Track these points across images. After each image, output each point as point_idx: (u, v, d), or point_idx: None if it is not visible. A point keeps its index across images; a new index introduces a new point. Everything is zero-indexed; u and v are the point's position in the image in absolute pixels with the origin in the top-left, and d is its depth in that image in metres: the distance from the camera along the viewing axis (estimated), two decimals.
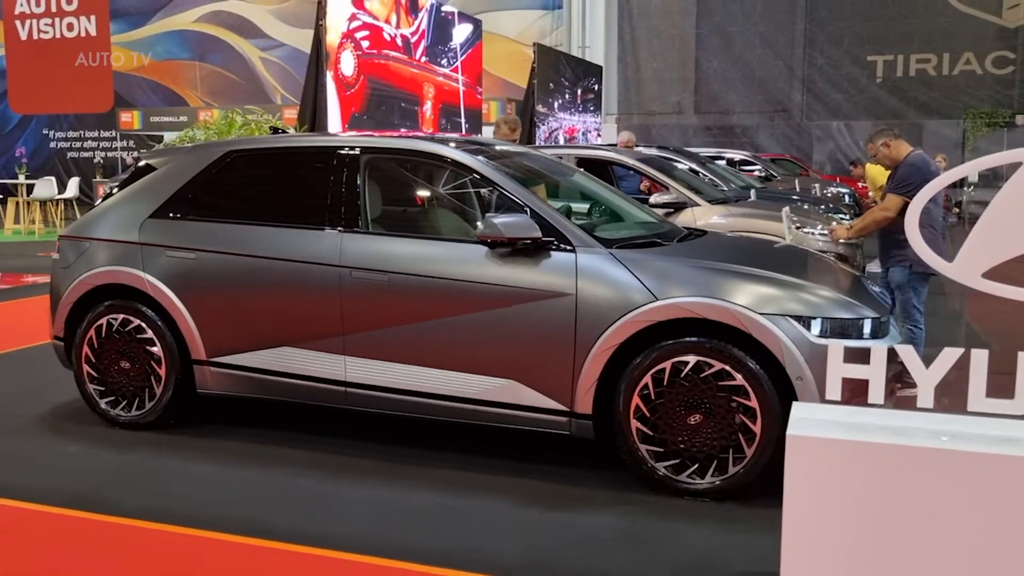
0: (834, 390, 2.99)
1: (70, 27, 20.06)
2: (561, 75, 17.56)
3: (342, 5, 10.47)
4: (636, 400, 4.09)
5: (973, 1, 21.58)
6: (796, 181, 16.77)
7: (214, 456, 4.64)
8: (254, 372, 4.80)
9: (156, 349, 4.94)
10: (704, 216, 7.67)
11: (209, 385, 4.92)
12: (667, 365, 4.03)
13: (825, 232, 7.79)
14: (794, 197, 13.25)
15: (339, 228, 4.62)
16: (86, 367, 5.11)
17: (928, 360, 2.92)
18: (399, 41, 12.59)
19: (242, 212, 4.90)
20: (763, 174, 17.37)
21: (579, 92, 18.53)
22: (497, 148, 5.12)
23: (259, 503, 4.06)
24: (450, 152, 4.66)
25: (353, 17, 10.94)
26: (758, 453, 3.94)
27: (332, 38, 10.03)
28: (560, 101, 17.34)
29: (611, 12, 24.56)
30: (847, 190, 16.69)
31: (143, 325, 4.96)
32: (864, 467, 2.76)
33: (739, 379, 3.94)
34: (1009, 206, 2.83)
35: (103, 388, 5.10)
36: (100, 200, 5.42)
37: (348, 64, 10.55)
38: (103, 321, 5.05)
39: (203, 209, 4.98)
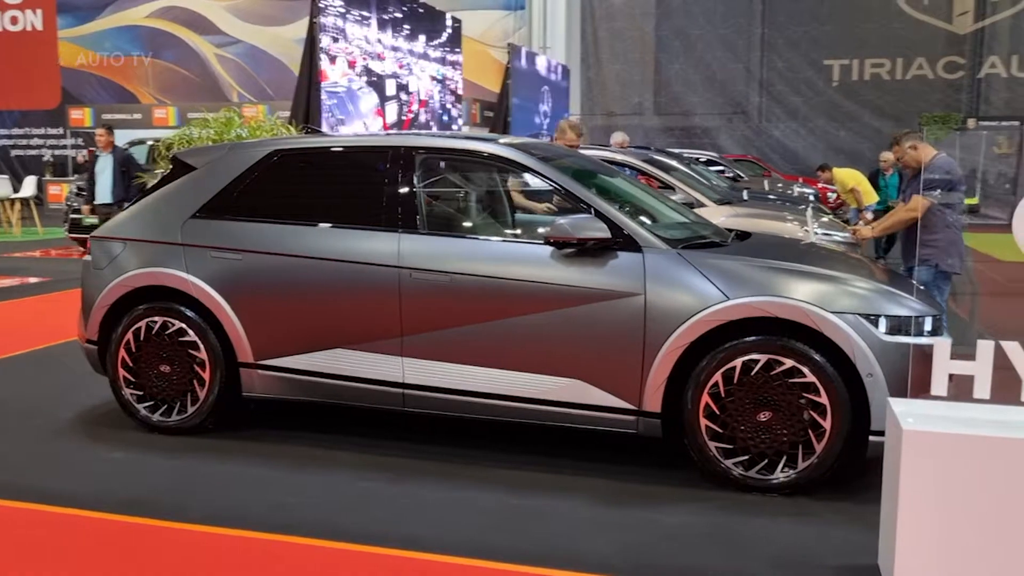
0: (939, 386, 3.07)
1: (14, 20, 19.46)
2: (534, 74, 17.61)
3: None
4: (706, 398, 4.14)
5: (925, 8, 22.27)
6: (765, 182, 17.10)
7: (269, 460, 4.57)
8: (305, 375, 4.73)
9: (200, 352, 4.84)
10: (712, 217, 7.74)
11: (256, 388, 4.83)
12: (737, 363, 4.09)
13: (827, 231, 7.97)
14: (771, 197, 13.53)
15: (397, 228, 4.58)
16: (122, 371, 4.98)
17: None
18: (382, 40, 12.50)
19: (291, 212, 4.82)
20: (731, 175, 17.66)
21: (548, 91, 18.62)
22: (547, 149, 5.12)
23: (327, 506, 4.01)
24: (507, 152, 4.66)
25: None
26: (828, 448, 4.02)
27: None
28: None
29: (573, 13, 24.72)
30: (811, 191, 17.07)
31: (185, 328, 4.85)
32: (984, 461, 2.84)
33: (810, 376, 4.02)
34: None
35: (141, 393, 4.97)
36: (131, 201, 5.29)
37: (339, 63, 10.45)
38: (142, 324, 4.93)
39: (249, 209, 4.89)
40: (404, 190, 4.64)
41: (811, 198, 15.81)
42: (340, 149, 4.99)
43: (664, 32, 24.03)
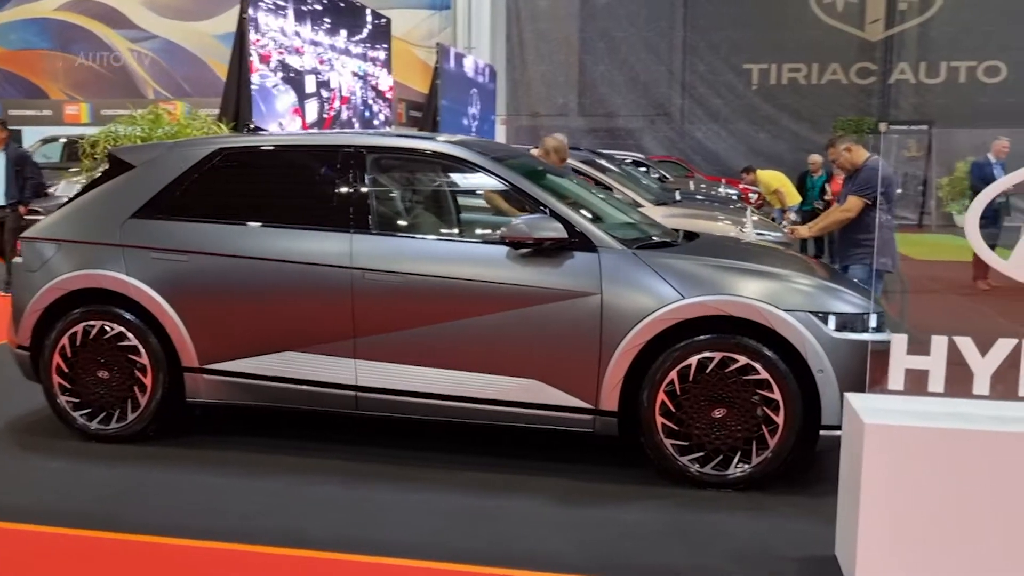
0: (896, 380, 3.17)
1: None
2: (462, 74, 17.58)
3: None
4: (662, 396, 4.19)
5: (839, 15, 23.01)
6: (690, 183, 17.45)
7: (218, 467, 4.44)
8: (253, 378, 4.61)
9: (140, 357, 4.67)
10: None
11: (201, 393, 4.69)
12: (692, 361, 4.15)
13: (759, 230, 8.16)
14: (698, 197, 13.81)
15: (349, 229, 4.50)
16: (58, 378, 4.78)
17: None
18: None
19: (238, 212, 4.70)
20: (656, 176, 17.95)
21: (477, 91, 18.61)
22: (501, 149, 5.11)
23: (285, 512, 3.92)
24: (461, 152, 4.63)
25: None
26: (781, 443, 4.11)
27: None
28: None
29: (498, 14, 24.77)
30: (734, 191, 17.49)
31: (125, 332, 4.68)
32: (945, 453, 2.95)
33: (763, 373, 4.10)
34: None
35: (78, 400, 4.78)
36: (67, 199, 5.08)
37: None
38: (78, 328, 4.73)
39: (194, 209, 4.74)
40: (356, 190, 4.57)
41: (733, 198, 16.24)
42: (288, 148, 4.89)
43: (589, 34, 24.26)
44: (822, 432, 4.11)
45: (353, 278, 4.43)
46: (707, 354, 4.14)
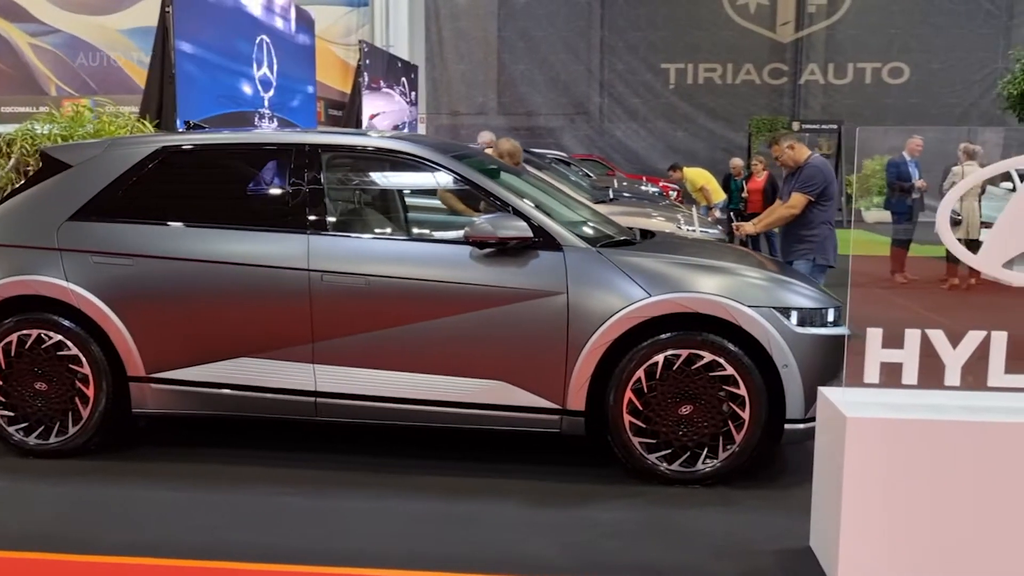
0: (872, 374, 3.22)
1: None
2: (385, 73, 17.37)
3: None
4: (629, 394, 4.18)
5: (751, 17, 23.58)
6: (614, 181, 17.62)
7: (170, 480, 4.25)
8: (205, 387, 4.43)
9: (82, 367, 4.43)
10: None
11: (148, 404, 4.48)
12: (659, 359, 4.16)
13: (691, 227, 8.28)
14: (626, 195, 13.96)
15: (305, 230, 4.36)
16: None
17: None
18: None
19: (187, 214, 4.50)
20: (581, 174, 18.07)
21: (399, 91, 18.42)
22: (459, 147, 5.03)
23: (248, 526, 3.77)
24: (421, 150, 4.53)
25: None
26: (747, 438, 4.16)
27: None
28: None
29: (417, 12, 24.56)
30: (656, 189, 17.76)
31: (64, 340, 4.43)
32: (927, 443, 3.01)
33: (729, 369, 4.13)
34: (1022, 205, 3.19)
35: (13, 414, 4.51)
36: None
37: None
38: (12, 338, 4.46)
39: (137, 210, 4.52)
40: (311, 189, 4.43)
41: (657, 195, 16.48)
42: (238, 147, 4.70)
43: (508, 33, 24.26)
44: (787, 426, 4.17)
45: (311, 280, 4.29)
46: (673, 351, 4.15)
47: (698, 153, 23.02)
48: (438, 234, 4.76)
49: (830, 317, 4.33)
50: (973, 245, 10.54)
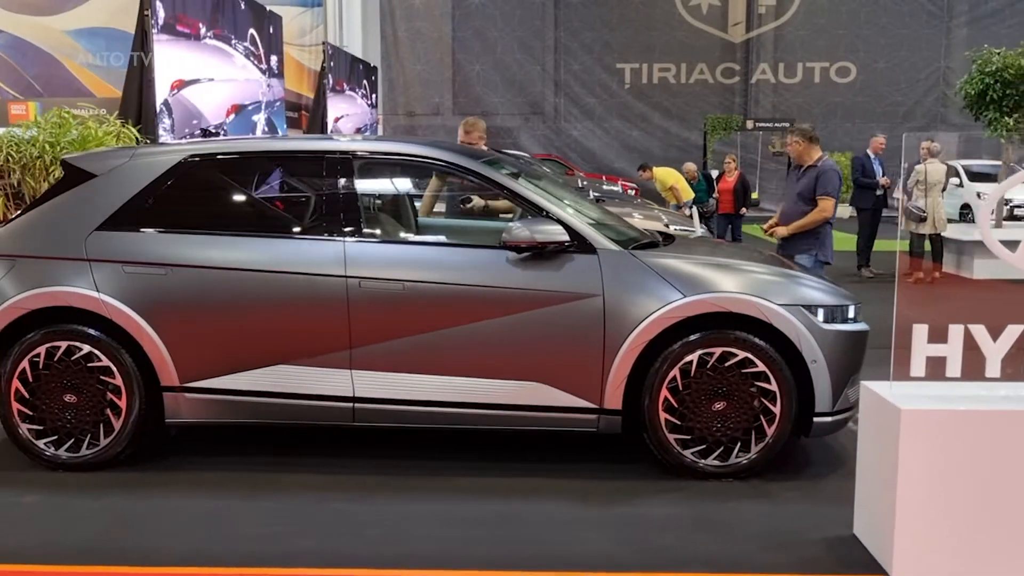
0: (919, 367, 3.39)
1: None
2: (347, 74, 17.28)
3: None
4: (664, 392, 4.30)
5: (703, 18, 24.02)
6: (577, 180, 17.80)
7: (213, 490, 4.24)
8: (240, 395, 4.42)
9: (114, 378, 4.39)
10: None
11: (183, 414, 4.46)
12: (694, 357, 4.29)
13: (682, 226, 8.45)
14: (595, 194, 14.13)
15: (341, 236, 4.39)
16: (17, 405, 4.43)
17: None
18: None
19: (218, 222, 4.49)
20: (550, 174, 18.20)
21: (361, 93, 18.35)
22: (486, 153, 5.09)
23: (305, 533, 3.78)
24: (452, 157, 4.59)
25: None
26: (779, 432, 4.31)
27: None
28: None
29: (371, 12, 24.45)
30: (617, 187, 18.01)
31: (96, 352, 4.39)
32: (982, 433, 3.19)
33: (760, 366, 4.28)
34: None
35: (42, 427, 4.45)
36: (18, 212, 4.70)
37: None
38: (40, 350, 4.40)
39: (168, 219, 4.50)
40: (345, 196, 4.46)
41: (622, 194, 16.70)
42: (269, 154, 4.71)
43: (464, 33, 24.34)
44: (816, 419, 4.33)
45: (348, 286, 4.32)
46: (708, 349, 4.28)
47: (653, 152, 23.38)
48: (474, 239, 4.82)
49: (851, 313, 4.50)
50: (937, 239, 10.86)
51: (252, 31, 12.34)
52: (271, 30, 13.35)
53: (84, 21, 23.99)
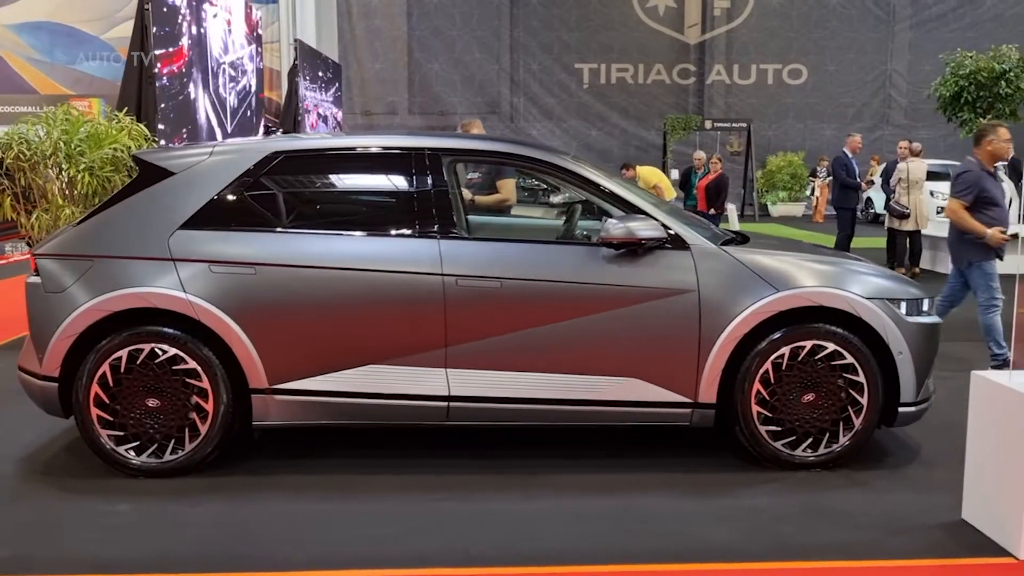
0: None
1: None
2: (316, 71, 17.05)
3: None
4: (757, 386, 4.38)
5: (660, 19, 24.34)
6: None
7: (308, 493, 4.15)
8: (331, 396, 4.34)
9: (201, 380, 4.27)
10: None
11: (271, 416, 4.36)
12: (786, 350, 4.37)
13: None
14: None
15: (435, 234, 4.35)
16: (97, 410, 4.28)
17: None
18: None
19: (307, 219, 4.42)
20: None
21: (331, 89, 18.11)
22: (564, 152, 5.09)
23: (426, 533, 3.72)
24: (541, 154, 4.59)
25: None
26: (866, 422, 4.42)
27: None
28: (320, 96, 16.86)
29: (325, 9, 24.14)
30: None
31: (181, 354, 4.26)
32: None
33: (849, 358, 4.39)
34: None
35: (122, 433, 4.30)
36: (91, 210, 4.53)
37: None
38: (122, 353, 4.26)
39: (255, 217, 4.40)
40: (436, 193, 4.42)
41: None
42: (355, 151, 4.63)
43: (422, 32, 24.21)
44: (901, 409, 4.45)
45: (445, 284, 4.29)
46: (800, 343, 4.37)
47: (612, 151, 23.63)
48: (567, 236, 4.82)
49: (925, 306, 4.64)
50: (917, 236, 11.24)
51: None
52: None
53: (27, 15, 23.17)
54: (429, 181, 4.44)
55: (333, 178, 4.60)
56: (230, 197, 4.40)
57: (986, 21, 23.99)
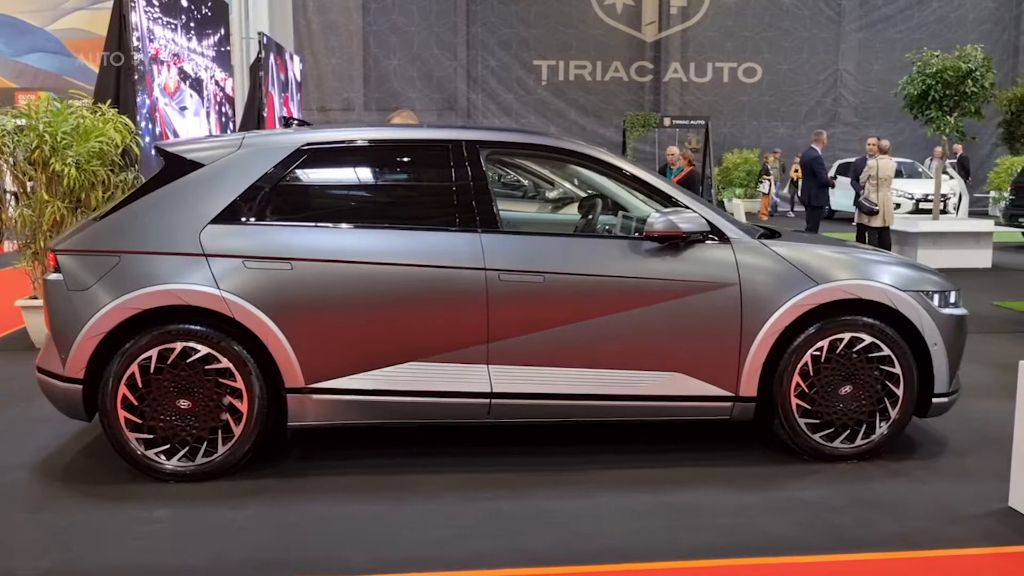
0: None
1: None
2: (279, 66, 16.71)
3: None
4: (796, 378, 4.39)
5: (618, 17, 24.46)
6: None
7: (355, 494, 4.04)
8: (369, 395, 4.23)
9: (235, 380, 4.13)
10: None
11: (308, 416, 4.23)
12: (825, 343, 4.39)
13: None
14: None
15: (476, 229, 4.26)
16: (124, 413, 4.10)
17: None
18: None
19: (343, 213, 4.29)
20: None
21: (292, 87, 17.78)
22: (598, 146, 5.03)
23: (483, 532, 3.65)
24: (582, 148, 4.54)
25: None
26: (902, 413, 4.47)
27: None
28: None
29: (283, 3, 23.70)
30: None
31: (215, 353, 4.11)
32: None
33: (886, 350, 4.43)
34: None
35: (151, 436, 4.13)
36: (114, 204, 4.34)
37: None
38: (151, 353, 4.09)
39: (289, 210, 4.26)
40: (476, 186, 4.33)
41: None
42: (389, 143, 4.51)
43: (380, 27, 23.95)
44: (934, 400, 4.51)
45: (488, 280, 4.21)
46: (837, 336, 4.39)
47: None
48: (610, 230, 4.77)
49: (953, 298, 4.71)
50: (886, 232, 11.48)
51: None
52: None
53: None
54: (469, 174, 4.35)
55: (369, 170, 4.48)
56: (263, 190, 4.25)
57: (932, 23, 24.65)
